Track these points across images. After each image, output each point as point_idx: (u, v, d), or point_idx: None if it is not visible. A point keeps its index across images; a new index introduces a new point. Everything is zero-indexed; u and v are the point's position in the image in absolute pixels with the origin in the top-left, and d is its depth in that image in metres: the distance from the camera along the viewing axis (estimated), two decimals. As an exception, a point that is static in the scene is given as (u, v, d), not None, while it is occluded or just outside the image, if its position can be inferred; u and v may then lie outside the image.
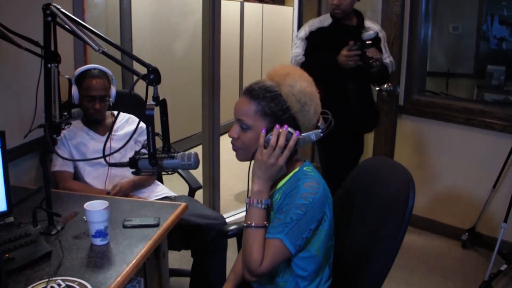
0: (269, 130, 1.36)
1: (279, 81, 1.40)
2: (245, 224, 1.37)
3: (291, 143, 1.35)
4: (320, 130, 1.40)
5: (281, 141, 1.33)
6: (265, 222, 1.36)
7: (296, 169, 1.44)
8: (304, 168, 1.44)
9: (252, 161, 1.40)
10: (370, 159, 1.78)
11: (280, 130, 1.34)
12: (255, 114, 1.39)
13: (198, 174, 2.69)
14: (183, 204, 1.83)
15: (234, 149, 1.46)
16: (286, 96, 1.38)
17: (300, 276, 1.43)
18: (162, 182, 2.57)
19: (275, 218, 1.37)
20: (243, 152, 1.44)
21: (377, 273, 1.42)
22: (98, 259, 1.44)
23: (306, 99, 1.38)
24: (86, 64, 2.44)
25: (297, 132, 1.36)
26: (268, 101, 1.37)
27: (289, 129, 1.35)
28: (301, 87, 1.38)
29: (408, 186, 1.42)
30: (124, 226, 1.64)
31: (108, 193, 2.13)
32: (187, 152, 1.45)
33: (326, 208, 1.39)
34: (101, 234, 1.51)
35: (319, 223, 1.38)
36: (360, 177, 1.65)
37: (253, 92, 1.39)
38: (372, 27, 2.72)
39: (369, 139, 3.57)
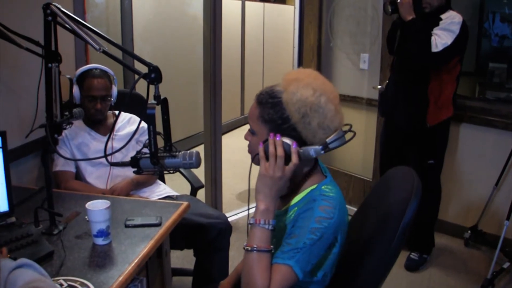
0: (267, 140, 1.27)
1: (286, 86, 1.29)
2: (249, 248, 1.23)
3: (294, 156, 1.23)
4: (321, 147, 1.24)
5: (280, 151, 1.23)
6: (271, 246, 1.24)
7: (314, 186, 1.33)
8: (323, 187, 1.30)
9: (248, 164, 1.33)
10: (396, 168, 1.60)
11: (274, 140, 1.24)
12: (257, 119, 1.31)
13: (200, 173, 2.69)
14: (185, 203, 1.83)
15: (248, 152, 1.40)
16: (286, 104, 1.26)
17: None
18: (164, 181, 2.57)
19: (284, 242, 1.26)
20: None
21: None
22: (100, 259, 1.44)
23: (306, 110, 1.24)
24: (87, 63, 2.44)
25: (295, 143, 1.24)
26: (268, 107, 1.28)
27: (284, 139, 1.25)
28: (302, 96, 1.24)
29: (409, 199, 1.31)
30: (126, 226, 1.64)
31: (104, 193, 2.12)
32: (188, 151, 1.45)
33: (339, 233, 1.28)
34: (103, 233, 1.51)
35: (329, 248, 1.28)
36: (378, 187, 1.58)
37: (260, 96, 1.32)
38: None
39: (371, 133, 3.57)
